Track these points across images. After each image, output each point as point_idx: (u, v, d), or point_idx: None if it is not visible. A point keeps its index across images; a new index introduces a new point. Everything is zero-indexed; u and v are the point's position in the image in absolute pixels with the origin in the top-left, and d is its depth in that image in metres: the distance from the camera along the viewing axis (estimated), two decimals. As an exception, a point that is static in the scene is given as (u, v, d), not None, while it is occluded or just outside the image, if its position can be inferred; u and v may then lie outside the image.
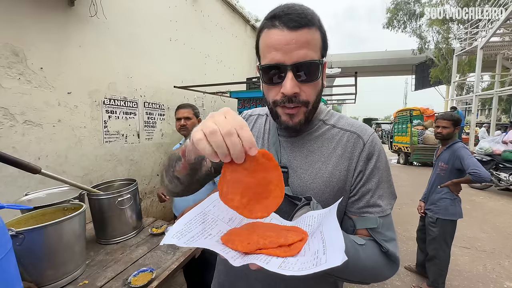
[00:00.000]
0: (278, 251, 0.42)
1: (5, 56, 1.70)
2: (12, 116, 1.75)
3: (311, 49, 0.56)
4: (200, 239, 0.43)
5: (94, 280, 1.13)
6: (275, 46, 0.55)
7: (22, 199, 1.36)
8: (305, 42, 0.54)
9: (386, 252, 0.56)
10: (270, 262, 0.39)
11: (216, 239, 0.45)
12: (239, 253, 0.42)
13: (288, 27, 0.53)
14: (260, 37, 0.60)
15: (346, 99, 5.97)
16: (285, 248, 0.42)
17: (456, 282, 2.51)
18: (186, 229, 0.45)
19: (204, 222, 0.49)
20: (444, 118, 2.27)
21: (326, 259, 0.35)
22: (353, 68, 22.75)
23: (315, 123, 0.69)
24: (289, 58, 0.54)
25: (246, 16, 5.21)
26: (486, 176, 1.97)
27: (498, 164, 5.47)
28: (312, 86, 0.59)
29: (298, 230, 0.48)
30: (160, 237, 1.56)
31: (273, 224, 0.52)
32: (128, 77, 2.63)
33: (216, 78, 4.12)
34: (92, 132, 2.30)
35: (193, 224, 0.47)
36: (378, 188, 0.61)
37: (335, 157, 0.63)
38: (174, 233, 0.43)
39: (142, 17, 2.76)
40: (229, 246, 0.43)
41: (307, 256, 0.40)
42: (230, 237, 0.45)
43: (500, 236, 3.56)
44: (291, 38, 0.53)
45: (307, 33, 0.54)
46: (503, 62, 12.49)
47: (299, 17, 0.54)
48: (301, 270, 0.36)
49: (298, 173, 0.65)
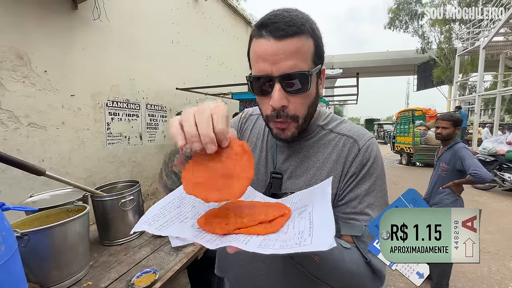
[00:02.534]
0: (258, 228, 0.39)
1: (10, 60, 1.72)
2: (17, 119, 1.77)
3: (300, 59, 0.53)
4: (175, 224, 0.41)
5: (98, 281, 1.14)
6: (262, 57, 0.53)
7: (27, 201, 1.37)
8: (293, 52, 0.51)
9: (368, 262, 0.53)
10: (249, 242, 0.37)
11: (191, 223, 0.43)
12: (217, 235, 0.39)
13: (275, 37, 0.51)
14: (251, 45, 0.58)
15: (348, 99, 5.97)
16: (266, 224, 0.40)
17: (460, 284, 2.49)
18: (160, 214, 0.42)
19: (180, 206, 0.47)
20: (444, 119, 2.26)
21: (311, 240, 0.33)
22: (355, 69, 22.71)
23: (313, 129, 0.68)
24: (277, 70, 0.52)
25: (247, 17, 5.23)
26: (487, 177, 1.97)
27: (502, 165, 5.41)
28: (301, 97, 0.56)
29: (281, 206, 0.46)
30: (162, 239, 1.57)
31: (255, 202, 0.50)
32: (131, 79, 2.65)
33: (218, 79, 4.14)
34: (95, 134, 2.32)
35: (167, 209, 0.45)
36: (368, 196, 0.58)
37: (330, 163, 0.62)
38: (146, 219, 0.40)
39: (144, 20, 2.79)
40: (206, 230, 0.40)
41: (289, 234, 0.38)
42: (208, 220, 0.42)
43: (505, 237, 3.53)
44: (278, 49, 0.51)
45: (296, 42, 0.51)
46: (506, 62, 12.42)
47: (286, 25, 0.51)
48: (282, 248, 0.34)
49: (292, 178, 0.64)
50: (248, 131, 0.78)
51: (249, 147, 0.44)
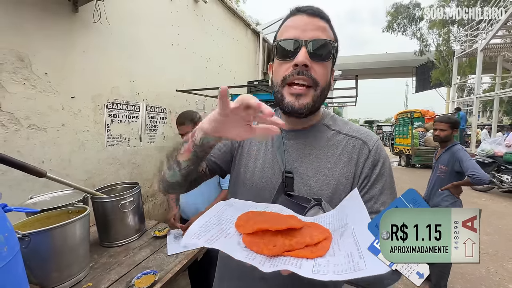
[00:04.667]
0: (305, 251, 0.39)
1: (11, 62, 1.72)
2: (17, 121, 1.77)
3: (326, 35, 0.60)
4: (220, 239, 0.42)
5: (98, 282, 1.14)
6: (294, 26, 0.60)
7: (27, 202, 1.38)
8: (321, 28, 0.60)
9: None
10: (302, 267, 0.37)
11: (237, 240, 0.43)
12: (266, 256, 0.39)
13: (308, 14, 0.60)
14: (281, 27, 0.65)
15: (347, 101, 5.98)
16: (312, 247, 0.40)
17: (459, 285, 2.50)
18: (203, 230, 0.43)
19: (219, 223, 0.47)
20: (441, 121, 2.28)
21: (365, 265, 0.34)
22: (354, 71, 22.79)
23: (320, 128, 0.68)
24: (305, 35, 0.58)
25: (246, 20, 5.25)
26: (484, 178, 1.98)
27: (500, 166, 5.43)
28: (323, 66, 0.61)
29: (319, 227, 0.46)
30: (162, 240, 1.57)
31: (293, 216, 0.50)
32: (131, 81, 2.66)
33: (218, 81, 4.15)
34: (95, 136, 2.32)
35: (209, 225, 0.45)
36: (381, 195, 0.60)
37: (341, 164, 0.62)
38: (192, 234, 0.41)
39: (144, 22, 2.80)
40: (254, 250, 0.40)
41: (338, 257, 0.38)
42: (254, 240, 0.42)
43: (503, 239, 3.54)
44: (309, 22, 0.59)
45: (323, 23, 0.60)
46: (504, 64, 12.50)
47: (318, 10, 0.61)
48: (338, 274, 0.34)
49: (304, 179, 0.63)
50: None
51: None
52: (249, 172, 0.72)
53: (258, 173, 0.70)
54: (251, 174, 0.71)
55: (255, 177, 0.70)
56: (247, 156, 0.74)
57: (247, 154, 0.74)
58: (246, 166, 0.73)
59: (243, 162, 0.74)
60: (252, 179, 0.70)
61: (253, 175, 0.70)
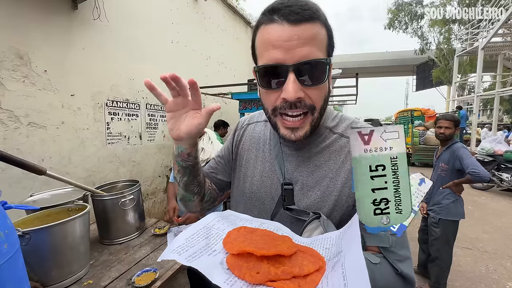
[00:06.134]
0: (291, 284, 0.36)
1: (10, 59, 1.72)
2: (17, 118, 1.77)
3: (316, 46, 0.47)
4: (203, 256, 0.40)
5: (99, 280, 1.14)
6: (274, 43, 0.47)
7: (27, 200, 1.38)
8: (309, 38, 0.46)
9: (400, 273, 0.49)
10: None
11: (220, 259, 0.40)
12: (247, 283, 0.36)
13: (289, 21, 0.46)
14: (257, 34, 0.52)
15: (347, 100, 5.96)
16: (300, 280, 0.37)
17: (458, 283, 2.50)
18: (187, 244, 0.41)
19: (208, 237, 0.45)
20: (446, 119, 2.27)
21: None
22: (354, 69, 22.74)
23: (321, 131, 0.61)
24: (291, 57, 0.46)
25: (246, 17, 5.23)
26: (485, 176, 1.98)
27: (500, 165, 5.43)
28: (318, 90, 0.50)
29: (314, 255, 0.42)
30: (162, 238, 1.57)
31: (287, 238, 0.45)
32: (130, 79, 2.65)
33: (218, 79, 4.14)
34: (95, 134, 2.32)
35: (195, 238, 0.43)
36: None
37: (344, 172, 0.57)
38: (174, 248, 0.39)
39: (144, 20, 2.79)
40: (236, 274, 0.37)
41: None
42: (238, 262, 0.39)
43: (503, 237, 3.54)
44: (293, 34, 0.45)
45: (311, 27, 0.46)
46: (504, 63, 12.47)
47: (301, 9, 0.46)
48: None
49: (304, 190, 0.59)
50: (247, 143, 0.74)
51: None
52: (248, 182, 0.69)
53: (257, 182, 0.67)
54: (250, 184, 0.68)
55: (254, 187, 0.67)
56: (246, 164, 0.71)
57: (246, 162, 0.72)
58: (245, 175, 0.70)
59: (242, 170, 0.72)
60: (252, 189, 0.67)
61: (252, 185, 0.68)
